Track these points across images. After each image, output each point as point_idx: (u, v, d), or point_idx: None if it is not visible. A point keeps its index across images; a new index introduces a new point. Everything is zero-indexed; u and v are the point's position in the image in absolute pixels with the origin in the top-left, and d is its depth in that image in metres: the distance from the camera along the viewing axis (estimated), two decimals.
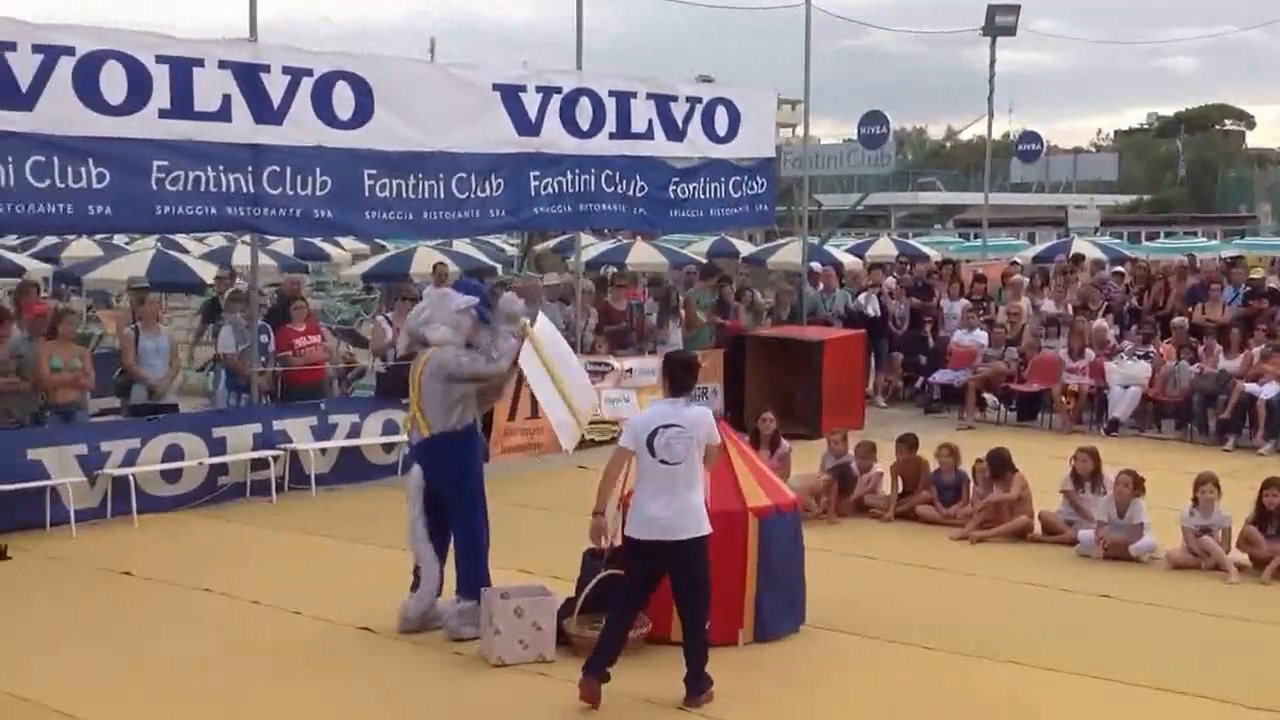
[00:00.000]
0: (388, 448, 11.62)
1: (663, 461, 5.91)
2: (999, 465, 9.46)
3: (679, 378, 6.13)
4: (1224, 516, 8.63)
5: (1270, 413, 12.85)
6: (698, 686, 6.06)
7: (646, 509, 5.98)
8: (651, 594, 6.18)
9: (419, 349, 7.31)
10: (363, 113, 11.11)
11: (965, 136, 45.63)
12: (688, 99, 13.71)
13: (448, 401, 7.09)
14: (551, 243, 24.48)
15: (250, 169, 10.47)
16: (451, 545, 7.24)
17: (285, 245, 23.41)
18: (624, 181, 13.22)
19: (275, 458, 10.81)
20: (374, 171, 11.24)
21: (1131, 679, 6.46)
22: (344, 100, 10.99)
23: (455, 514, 7.20)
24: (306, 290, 17.82)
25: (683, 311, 14.43)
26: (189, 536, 9.61)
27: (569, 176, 12.75)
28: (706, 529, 6.04)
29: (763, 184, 14.61)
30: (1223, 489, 8.71)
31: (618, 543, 6.93)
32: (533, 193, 12.49)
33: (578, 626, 6.72)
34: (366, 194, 11.25)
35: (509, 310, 7.28)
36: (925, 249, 28.12)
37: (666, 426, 5.93)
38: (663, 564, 6.01)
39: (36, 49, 9.41)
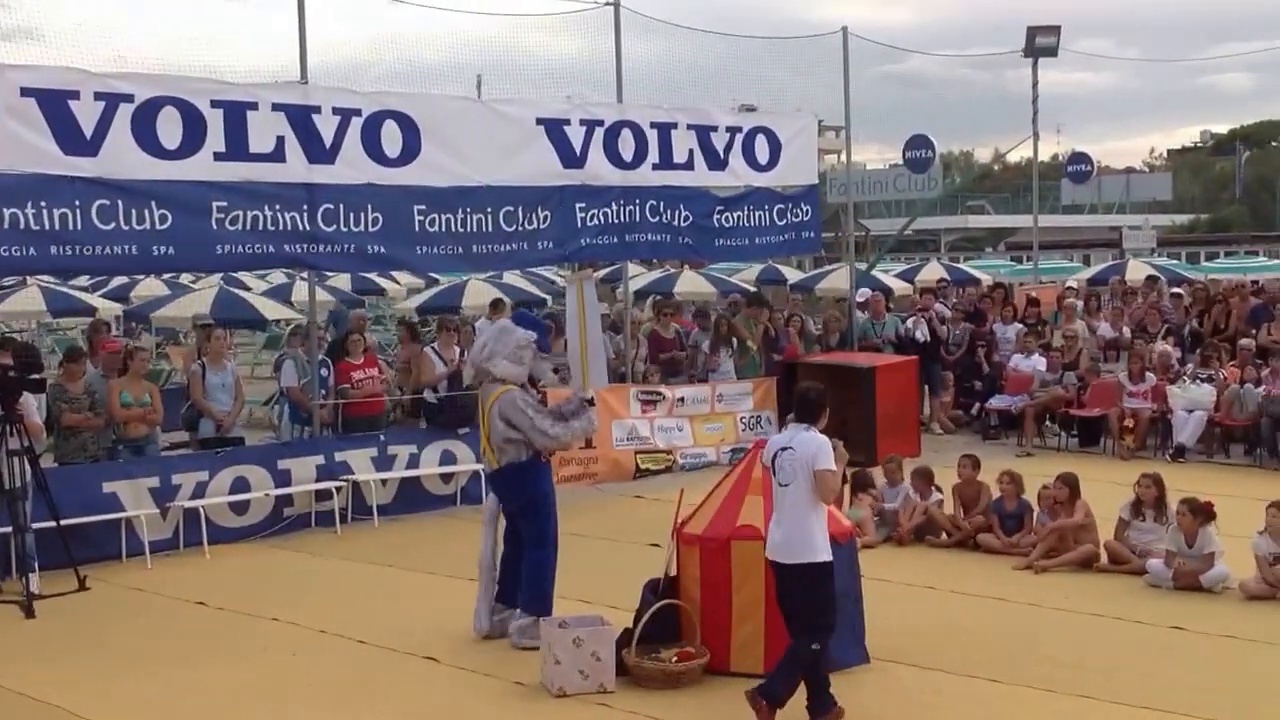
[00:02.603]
0: (445, 478, 11.77)
1: (779, 483, 6.18)
2: (1075, 485, 9.26)
3: (798, 406, 6.40)
4: None
5: None
6: (770, 694, 6.00)
7: (770, 528, 6.25)
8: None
9: (486, 382, 7.53)
10: (410, 150, 11.32)
11: (1013, 159, 45.34)
12: (727, 129, 13.74)
13: (510, 439, 7.40)
14: (600, 273, 24.60)
15: (305, 207, 10.70)
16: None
17: (343, 281, 23.72)
18: (668, 211, 13.29)
19: (338, 488, 10.98)
20: (423, 207, 11.43)
21: (1205, 714, 6.27)
22: (392, 138, 11.20)
23: (529, 534, 7.47)
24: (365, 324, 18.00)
25: (734, 340, 14.41)
26: (258, 567, 9.79)
27: (614, 208, 12.85)
28: (815, 557, 6.07)
29: (808, 211, 14.57)
30: None
31: (673, 573, 6.99)
32: (579, 224, 12.61)
33: (636, 657, 6.74)
34: (417, 229, 11.43)
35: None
36: (976, 273, 27.88)
37: (785, 449, 6.20)
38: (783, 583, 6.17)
39: (98, 96, 9.70)
